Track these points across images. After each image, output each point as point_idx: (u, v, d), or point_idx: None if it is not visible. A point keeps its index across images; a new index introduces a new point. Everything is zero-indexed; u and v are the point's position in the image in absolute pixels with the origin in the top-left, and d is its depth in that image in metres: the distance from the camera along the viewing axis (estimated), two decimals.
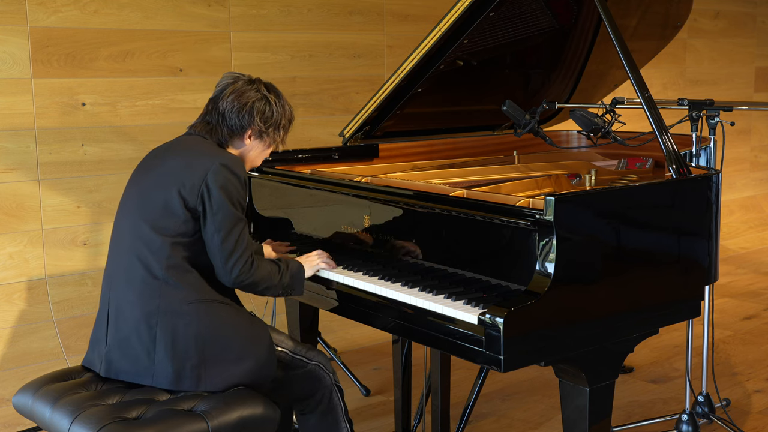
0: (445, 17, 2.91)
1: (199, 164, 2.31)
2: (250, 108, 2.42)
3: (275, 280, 2.42)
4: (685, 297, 2.47)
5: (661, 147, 2.53)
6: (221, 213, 2.28)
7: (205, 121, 2.46)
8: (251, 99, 2.43)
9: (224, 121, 2.43)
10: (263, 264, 2.39)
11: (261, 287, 2.39)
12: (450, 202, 2.41)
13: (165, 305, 2.28)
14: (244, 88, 2.44)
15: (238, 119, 2.42)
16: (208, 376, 2.29)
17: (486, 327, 2.06)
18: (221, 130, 2.43)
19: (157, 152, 2.47)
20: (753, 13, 7.33)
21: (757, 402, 3.72)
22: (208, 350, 2.30)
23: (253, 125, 2.44)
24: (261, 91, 2.45)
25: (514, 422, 3.52)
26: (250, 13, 4.42)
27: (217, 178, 2.28)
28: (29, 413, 2.35)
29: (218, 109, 2.43)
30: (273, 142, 2.52)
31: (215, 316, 2.33)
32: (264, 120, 2.44)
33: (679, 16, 3.63)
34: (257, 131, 2.45)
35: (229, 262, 2.30)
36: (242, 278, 2.32)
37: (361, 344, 4.46)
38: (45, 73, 3.83)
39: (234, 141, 2.46)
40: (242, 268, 2.31)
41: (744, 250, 6.71)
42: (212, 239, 2.29)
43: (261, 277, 2.37)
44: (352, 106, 4.79)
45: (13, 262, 3.83)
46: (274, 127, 2.48)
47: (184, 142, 2.45)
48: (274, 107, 2.46)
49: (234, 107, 2.41)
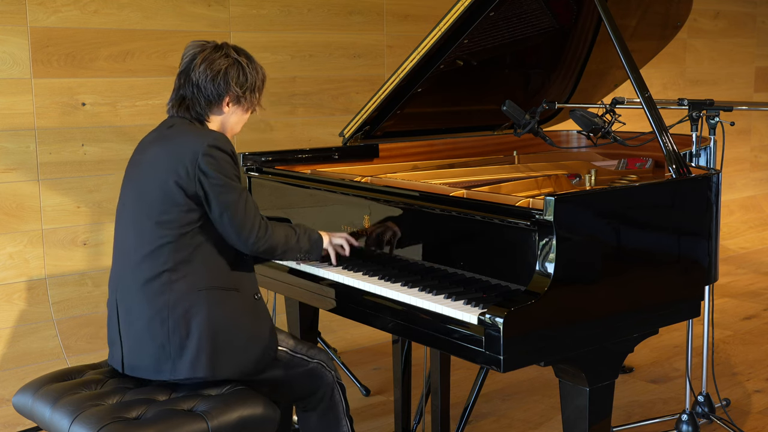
0: (445, 17, 2.91)
1: (187, 149, 2.30)
2: (224, 74, 2.40)
3: (292, 243, 2.47)
4: (685, 297, 2.47)
5: (661, 147, 2.53)
6: (222, 192, 2.29)
7: (180, 96, 2.43)
8: (223, 65, 2.40)
9: (200, 92, 2.40)
10: (278, 228, 2.43)
11: (279, 251, 2.44)
12: (450, 202, 2.41)
13: (174, 298, 2.28)
14: (213, 56, 2.40)
15: (214, 87, 2.40)
16: (221, 365, 2.31)
17: (486, 327, 2.06)
18: (198, 102, 2.41)
19: (144, 144, 2.46)
20: (753, 13, 7.33)
21: (757, 402, 3.72)
22: (221, 337, 2.31)
23: (230, 91, 2.42)
24: (231, 56, 2.42)
25: (514, 422, 3.52)
26: (250, 13, 4.42)
27: (208, 160, 2.28)
28: (29, 413, 2.35)
29: (191, 80, 2.40)
30: (251, 105, 2.50)
31: (224, 304, 2.33)
32: (240, 85, 2.42)
33: (679, 16, 3.63)
34: (235, 97, 2.44)
35: (243, 231, 2.33)
36: (260, 244, 2.36)
37: (361, 344, 4.46)
38: (45, 73, 3.83)
39: (213, 110, 2.44)
40: (258, 234, 2.35)
41: (744, 250, 6.70)
42: (221, 219, 2.31)
43: (278, 240, 2.42)
44: (352, 106, 4.79)
45: (13, 262, 3.83)
46: (251, 90, 2.46)
47: (168, 130, 2.42)
48: (248, 70, 2.44)
49: (207, 76, 2.39)
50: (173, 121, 2.44)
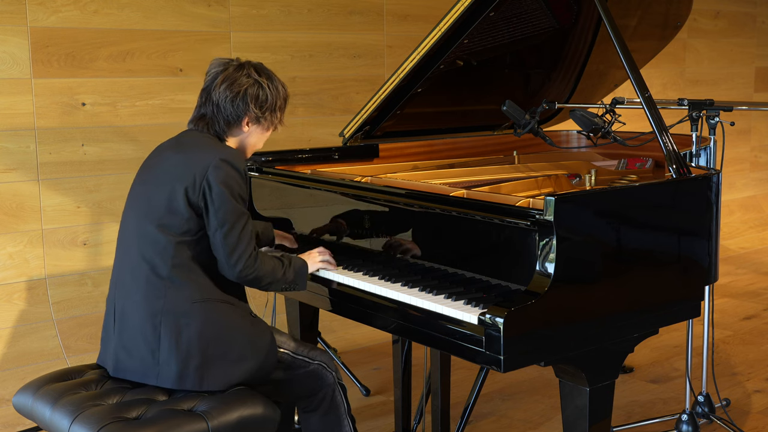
0: (445, 17, 2.91)
1: (200, 160, 2.31)
2: (243, 95, 2.41)
3: (278, 275, 2.42)
4: (685, 297, 2.47)
5: (661, 147, 2.53)
6: (223, 208, 2.28)
7: (201, 114, 2.45)
8: (243, 86, 2.41)
9: (219, 112, 2.42)
10: (266, 259, 2.40)
11: (265, 282, 2.39)
12: (450, 202, 2.41)
13: (169, 305, 2.28)
14: (235, 75, 2.42)
15: (233, 108, 2.41)
16: (210, 376, 2.30)
17: (486, 327, 2.06)
18: (218, 121, 2.43)
19: (161, 149, 2.47)
20: (753, 13, 7.33)
21: (757, 402, 3.72)
22: (211, 350, 2.30)
23: (249, 112, 2.43)
24: (252, 76, 2.43)
25: (514, 422, 3.52)
26: (250, 13, 4.42)
27: (217, 173, 2.28)
28: (29, 413, 2.35)
29: (212, 99, 2.42)
30: (271, 125, 2.51)
31: (219, 316, 2.33)
32: (259, 106, 2.43)
33: (679, 16, 3.63)
34: (254, 117, 2.45)
35: (232, 256, 2.30)
36: (246, 273, 2.32)
37: (361, 344, 4.46)
38: (45, 73, 3.83)
39: (232, 130, 2.45)
40: (246, 263, 2.31)
41: (744, 250, 6.71)
42: (215, 234, 2.29)
43: (265, 272, 2.37)
44: (352, 106, 4.79)
45: (13, 262, 3.83)
46: (270, 110, 2.47)
47: (186, 138, 2.45)
48: (268, 91, 2.45)
49: (227, 96, 2.40)
50: (193, 133, 2.46)
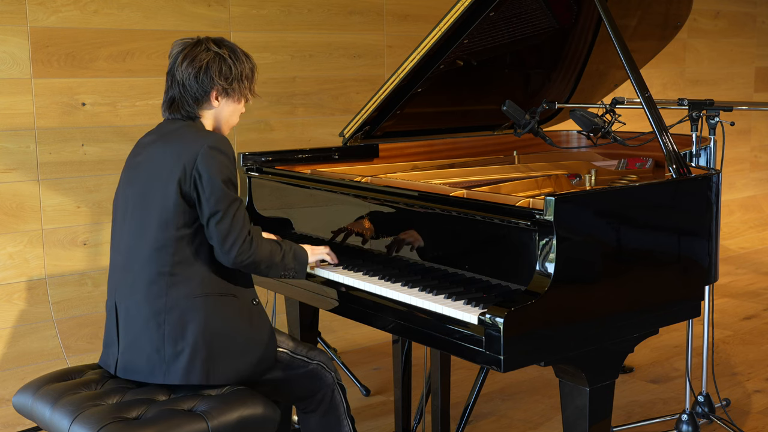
0: (445, 17, 2.91)
1: (188, 150, 2.29)
2: (206, 69, 2.38)
3: (277, 259, 2.41)
4: (685, 297, 2.47)
5: (661, 147, 2.53)
6: (214, 195, 2.27)
7: (170, 98, 2.43)
8: (204, 60, 2.38)
9: (186, 90, 2.39)
10: (264, 243, 2.38)
11: (263, 266, 2.38)
12: (450, 202, 2.41)
13: (171, 302, 2.28)
14: (194, 51, 2.39)
15: (198, 84, 2.38)
16: (215, 370, 2.30)
17: (486, 327, 2.06)
18: (186, 101, 2.40)
19: (143, 145, 2.44)
20: (753, 13, 7.33)
21: (757, 402, 3.72)
22: (216, 344, 2.30)
23: (215, 85, 2.40)
24: (212, 49, 2.40)
25: (514, 422, 3.52)
26: (250, 13, 4.42)
27: (206, 161, 2.27)
28: (29, 413, 2.35)
29: (176, 80, 2.40)
30: (242, 96, 2.47)
31: (221, 310, 2.33)
32: (224, 77, 2.40)
33: (679, 16, 3.63)
34: (222, 89, 2.41)
35: (226, 242, 2.28)
36: (242, 258, 2.31)
37: (361, 344, 4.46)
38: (45, 73, 3.83)
39: (202, 106, 2.42)
40: (241, 248, 2.29)
41: (744, 250, 6.71)
42: (208, 222, 2.28)
43: (262, 256, 2.36)
44: (352, 106, 4.79)
45: (13, 262, 3.83)
46: (237, 80, 2.43)
47: (167, 130, 2.41)
48: (230, 61, 2.41)
49: (190, 73, 2.37)
50: (171, 123, 2.43)
